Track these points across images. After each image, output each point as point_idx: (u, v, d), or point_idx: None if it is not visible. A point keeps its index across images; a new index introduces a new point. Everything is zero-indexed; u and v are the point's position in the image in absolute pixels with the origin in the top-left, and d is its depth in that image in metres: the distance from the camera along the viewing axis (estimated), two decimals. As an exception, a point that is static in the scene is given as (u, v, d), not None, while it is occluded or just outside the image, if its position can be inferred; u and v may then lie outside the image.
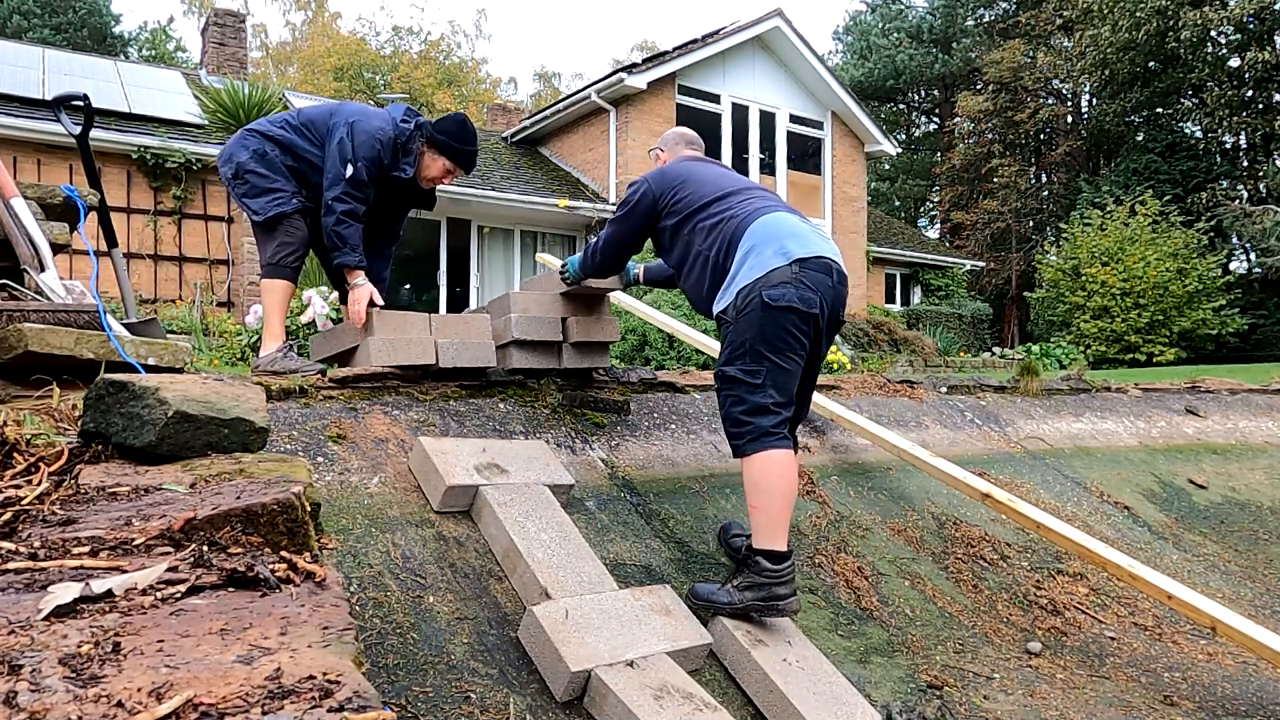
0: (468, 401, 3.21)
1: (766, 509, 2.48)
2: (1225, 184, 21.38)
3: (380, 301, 3.26)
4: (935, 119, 35.89)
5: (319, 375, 3.10)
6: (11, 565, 1.12)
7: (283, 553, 1.24)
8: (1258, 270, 20.58)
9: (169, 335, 3.00)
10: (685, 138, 3.21)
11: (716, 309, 2.69)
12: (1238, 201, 20.45)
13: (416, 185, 3.58)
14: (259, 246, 3.51)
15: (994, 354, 15.33)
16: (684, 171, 2.89)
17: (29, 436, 1.72)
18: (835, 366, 8.23)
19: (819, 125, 16.19)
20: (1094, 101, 27.24)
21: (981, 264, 22.12)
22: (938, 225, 35.34)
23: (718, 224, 2.70)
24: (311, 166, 3.43)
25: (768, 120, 15.52)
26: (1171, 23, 19.86)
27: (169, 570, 1.11)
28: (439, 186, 3.66)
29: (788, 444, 2.53)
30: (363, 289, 3.22)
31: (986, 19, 31.40)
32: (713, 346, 4.22)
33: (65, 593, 1.00)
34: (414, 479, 2.67)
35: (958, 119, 29.91)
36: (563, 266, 3.31)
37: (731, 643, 2.44)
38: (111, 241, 3.85)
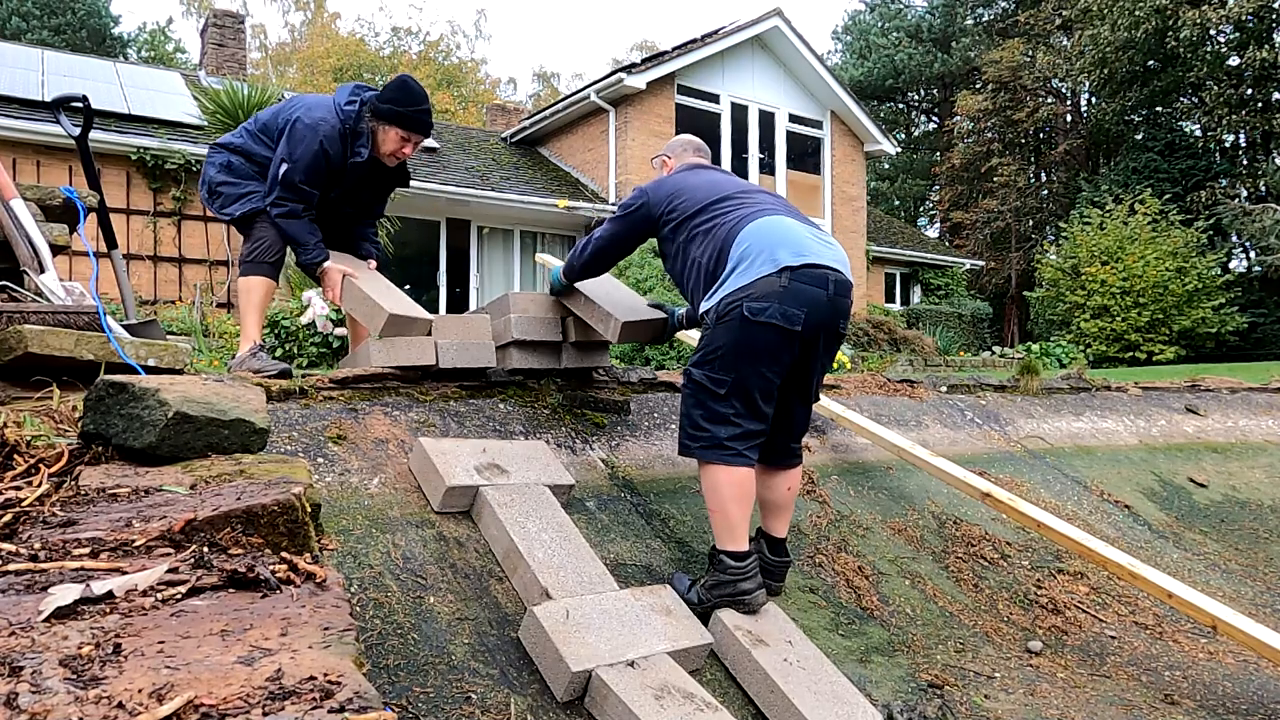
0: (468, 402, 3.21)
1: (723, 513, 2.49)
2: (1224, 182, 21.39)
3: (351, 270, 3.34)
4: (934, 118, 35.90)
5: (279, 376, 3.07)
6: (12, 567, 1.12)
7: (283, 554, 1.24)
8: (1257, 268, 20.60)
9: (169, 336, 3.00)
10: (692, 144, 3.14)
11: (700, 309, 2.63)
12: (1237, 200, 20.47)
13: (383, 165, 3.46)
14: (242, 248, 3.52)
15: (994, 353, 15.33)
16: (681, 180, 2.86)
17: (29, 438, 1.72)
18: (835, 366, 8.23)
19: (818, 125, 16.19)
20: (1093, 100, 27.25)
21: (981, 263, 22.14)
22: (937, 225, 35.36)
23: (711, 229, 2.64)
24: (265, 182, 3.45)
25: (767, 120, 15.53)
26: (1170, 22, 19.86)
27: (169, 571, 1.11)
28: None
29: (746, 462, 2.48)
30: (331, 273, 3.34)
31: (986, 18, 31.41)
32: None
33: (66, 594, 1.00)
34: (414, 480, 2.67)
35: (957, 118, 29.92)
36: (551, 286, 3.29)
37: (733, 643, 2.44)
38: (111, 243, 3.85)
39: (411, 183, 12.78)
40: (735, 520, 2.48)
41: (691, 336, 4.60)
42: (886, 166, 33.41)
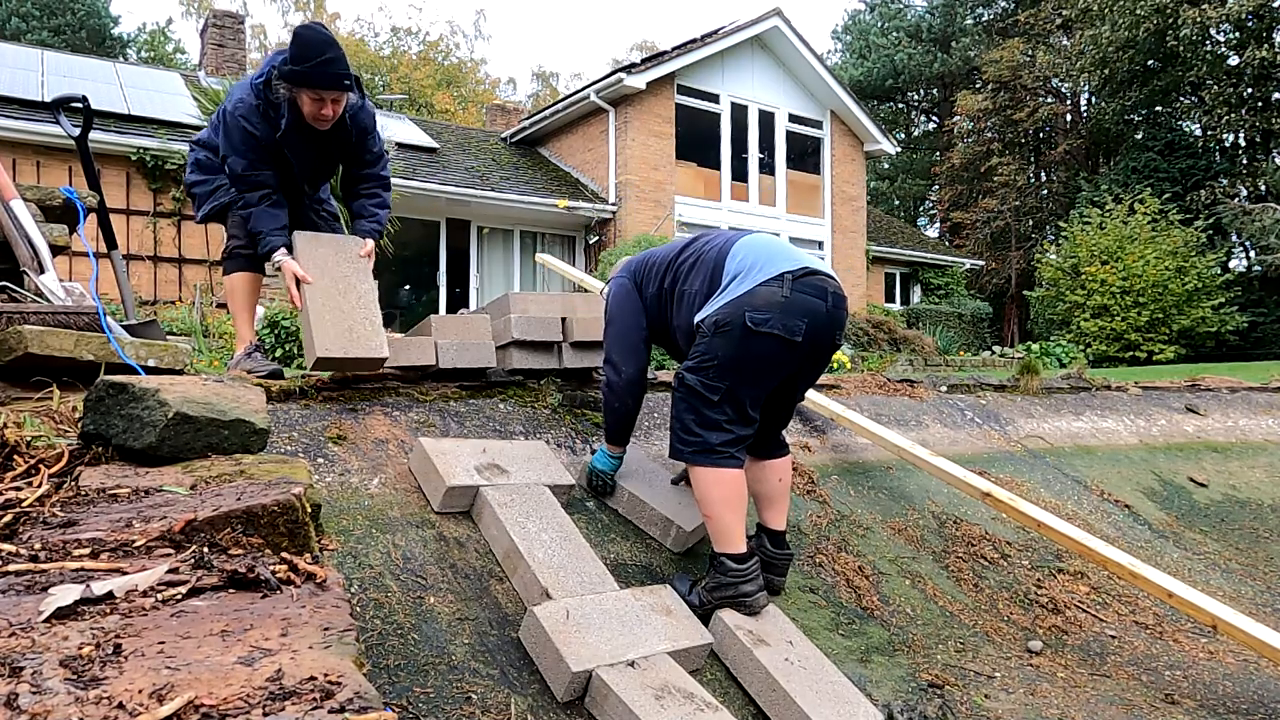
0: (468, 402, 3.21)
1: (719, 518, 2.49)
2: (1224, 182, 21.38)
3: (304, 274, 2.91)
4: (934, 118, 35.90)
5: (269, 376, 3.03)
6: (12, 567, 1.12)
7: (283, 554, 1.24)
8: (1257, 268, 20.61)
9: (169, 337, 3.00)
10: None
11: (696, 319, 2.56)
12: (1237, 199, 20.48)
13: (322, 132, 3.11)
14: None
15: (994, 353, 15.33)
16: (643, 253, 2.92)
17: (29, 439, 1.72)
18: (835, 366, 8.23)
19: (818, 125, 16.19)
20: (1093, 100, 27.25)
21: (981, 263, 22.15)
22: (937, 224, 35.35)
23: (699, 259, 2.65)
24: None
25: (767, 120, 15.52)
26: (1170, 21, 19.86)
27: (170, 572, 1.11)
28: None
29: (736, 464, 2.49)
30: (285, 272, 2.96)
31: (985, 18, 31.41)
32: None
33: (66, 595, 1.00)
34: (414, 480, 2.67)
35: (957, 118, 29.92)
36: (591, 477, 2.97)
37: (734, 642, 2.44)
38: (111, 243, 3.86)
39: (411, 182, 12.75)
40: (730, 523, 2.49)
41: None
42: (886, 166, 33.41)
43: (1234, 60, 21.36)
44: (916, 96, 35.86)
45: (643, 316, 2.81)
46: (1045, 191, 29.01)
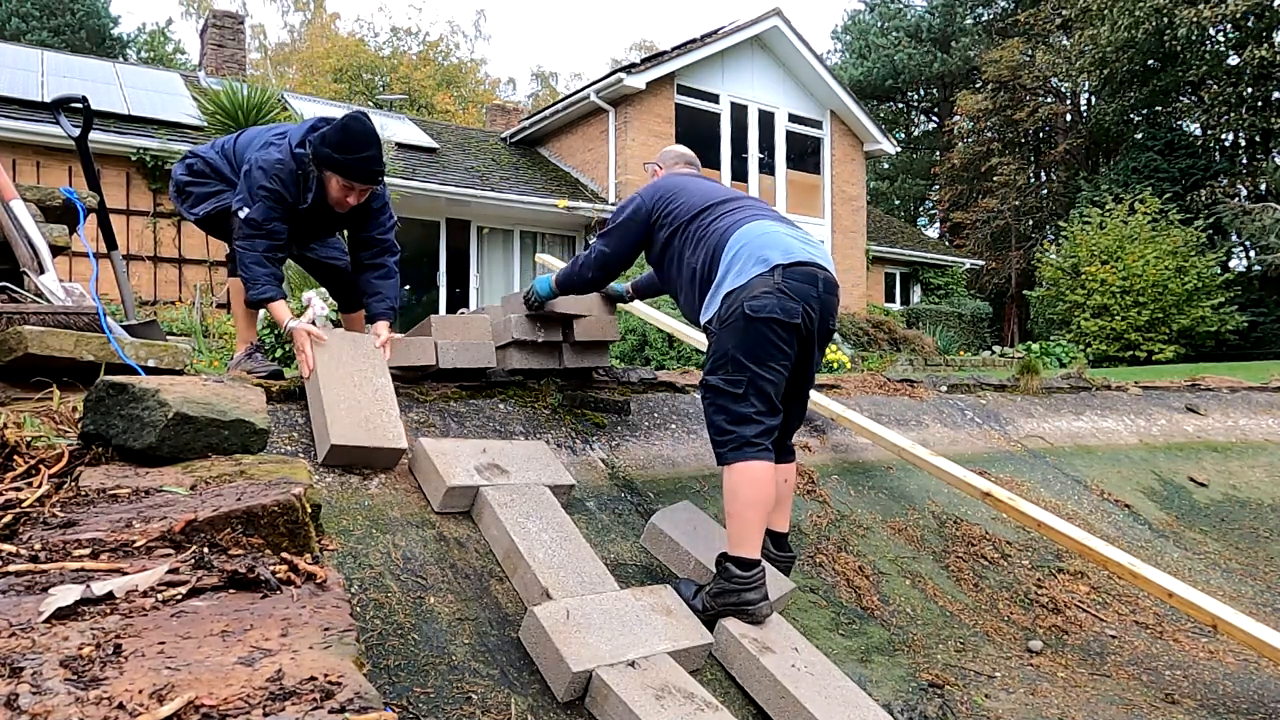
0: (468, 402, 3.21)
1: (742, 517, 2.50)
2: (1224, 181, 21.37)
3: (318, 334, 2.83)
4: (934, 118, 35.88)
5: (269, 377, 3.03)
6: (12, 568, 1.12)
7: (283, 554, 1.24)
8: (1257, 268, 20.60)
9: (169, 337, 3.00)
10: (683, 156, 3.21)
11: (703, 319, 2.72)
12: (1237, 199, 20.47)
13: (337, 210, 3.14)
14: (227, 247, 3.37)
15: (994, 352, 15.32)
16: (676, 184, 2.93)
17: (29, 439, 1.72)
18: (835, 366, 8.23)
19: (818, 124, 16.19)
20: (1093, 100, 27.25)
21: (981, 263, 22.14)
22: (937, 224, 35.35)
23: (705, 236, 2.74)
24: (233, 188, 3.25)
25: (767, 120, 15.52)
26: (1169, 21, 19.86)
27: (170, 572, 1.11)
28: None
29: (769, 456, 2.53)
30: (298, 336, 2.81)
31: (985, 18, 31.40)
32: (713, 346, 4.19)
33: (66, 595, 1.00)
34: (414, 480, 2.67)
35: (957, 118, 29.91)
36: (527, 292, 3.22)
37: (739, 650, 2.42)
38: (111, 244, 3.85)
39: (411, 183, 12.73)
40: (752, 525, 2.50)
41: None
42: (886, 166, 33.40)
43: (1233, 60, 21.34)
44: (916, 96, 35.85)
45: (633, 254, 2.98)
46: (1045, 191, 28.99)
